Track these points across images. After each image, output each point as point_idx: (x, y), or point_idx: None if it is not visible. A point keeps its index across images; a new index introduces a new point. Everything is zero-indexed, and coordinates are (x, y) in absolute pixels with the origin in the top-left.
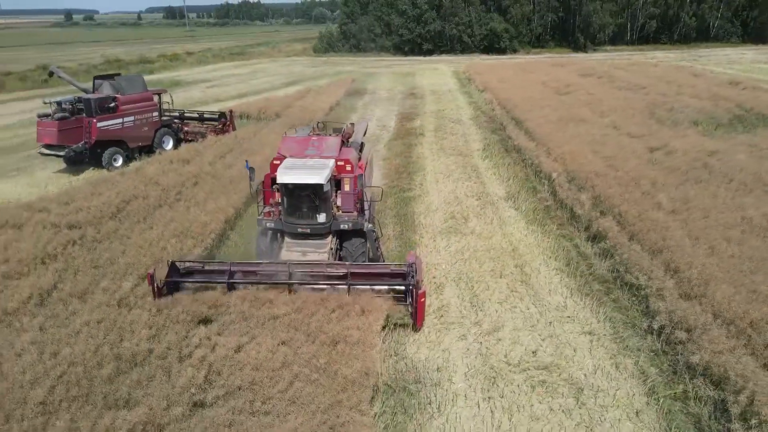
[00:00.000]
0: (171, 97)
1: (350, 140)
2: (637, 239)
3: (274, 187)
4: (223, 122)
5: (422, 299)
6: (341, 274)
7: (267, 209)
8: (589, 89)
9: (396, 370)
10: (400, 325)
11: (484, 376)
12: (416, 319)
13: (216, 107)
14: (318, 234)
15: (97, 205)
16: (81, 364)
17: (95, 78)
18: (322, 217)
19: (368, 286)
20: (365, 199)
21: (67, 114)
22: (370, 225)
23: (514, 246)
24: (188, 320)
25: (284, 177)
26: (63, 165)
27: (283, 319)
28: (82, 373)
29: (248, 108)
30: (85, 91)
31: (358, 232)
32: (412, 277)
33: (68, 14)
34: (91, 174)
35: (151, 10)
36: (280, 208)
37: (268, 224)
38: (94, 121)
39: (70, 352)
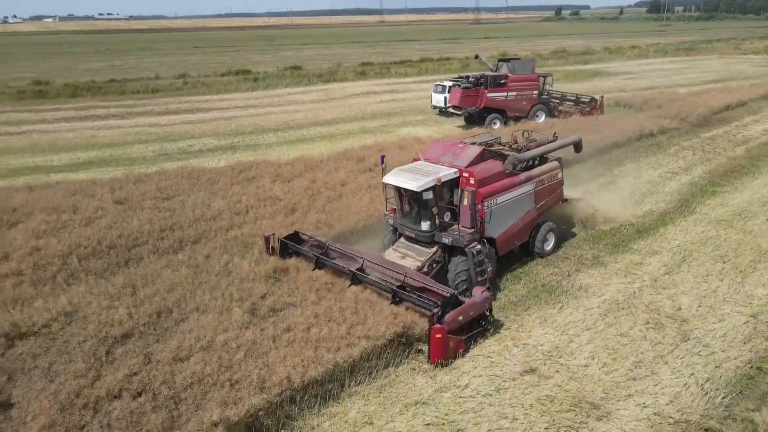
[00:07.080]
0: (552, 80)
1: (519, 154)
2: None
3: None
4: (592, 106)
5: (437, 335)
6: (398, 281)
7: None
8: None
9: (557, 282)
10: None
11: (616, 305)
12: (429, 352)
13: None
14: (424, 241)
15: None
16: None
17: (499, 60)
18: (425, 225)
19: (412, 299)
20: (481, 218)
21: (470, 85)
22: (477, 246)
23: None
24: None
25: (389, 178)
26: (462, 121)
27: None
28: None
29: (634, 99)
30: (491, 70)
31: (462, 251)
32: (441, 308)
33: (558, 10)
34: (475, 129)
35: (639, 5)
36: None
37: (389, 220)
38: (486, 92)
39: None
